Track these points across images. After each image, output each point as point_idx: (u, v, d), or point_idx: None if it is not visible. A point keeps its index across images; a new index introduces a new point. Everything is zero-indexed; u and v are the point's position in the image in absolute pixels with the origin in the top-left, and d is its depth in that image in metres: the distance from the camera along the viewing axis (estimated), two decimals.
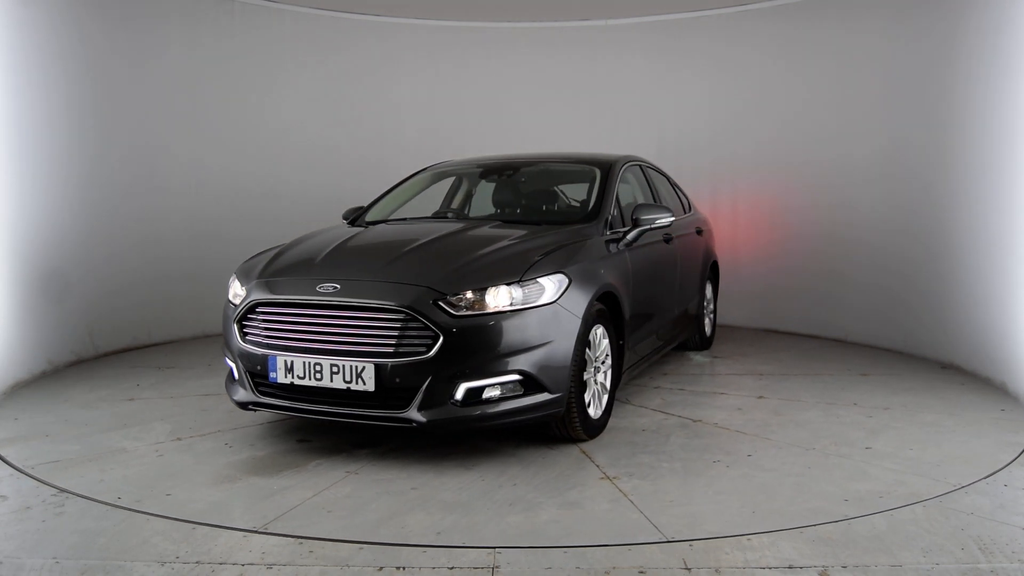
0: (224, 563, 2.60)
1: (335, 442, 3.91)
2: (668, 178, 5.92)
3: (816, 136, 6.74)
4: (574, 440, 3.85)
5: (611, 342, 4.04)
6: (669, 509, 3.04)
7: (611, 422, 4.18)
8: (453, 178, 5.45)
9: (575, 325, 3.61)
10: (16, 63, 5.15)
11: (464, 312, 3.38)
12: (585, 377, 3.78)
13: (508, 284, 3.47)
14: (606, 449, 3.78)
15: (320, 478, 3.42)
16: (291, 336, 3.56)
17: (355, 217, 4.98)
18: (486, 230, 4.20)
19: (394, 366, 3.34)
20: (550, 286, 3.57)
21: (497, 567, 2.57)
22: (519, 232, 4.11)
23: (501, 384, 3.43)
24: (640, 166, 5.31)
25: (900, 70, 6.02)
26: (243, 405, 3.76)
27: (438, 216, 5.02)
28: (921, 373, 5.32)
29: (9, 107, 5.08)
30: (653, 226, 4.50)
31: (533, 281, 3.53)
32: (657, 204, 4.78)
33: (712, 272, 6.32)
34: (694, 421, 4.24)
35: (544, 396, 3.52)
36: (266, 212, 6.92)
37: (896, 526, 2.88)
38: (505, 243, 3.87)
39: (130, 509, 3.04)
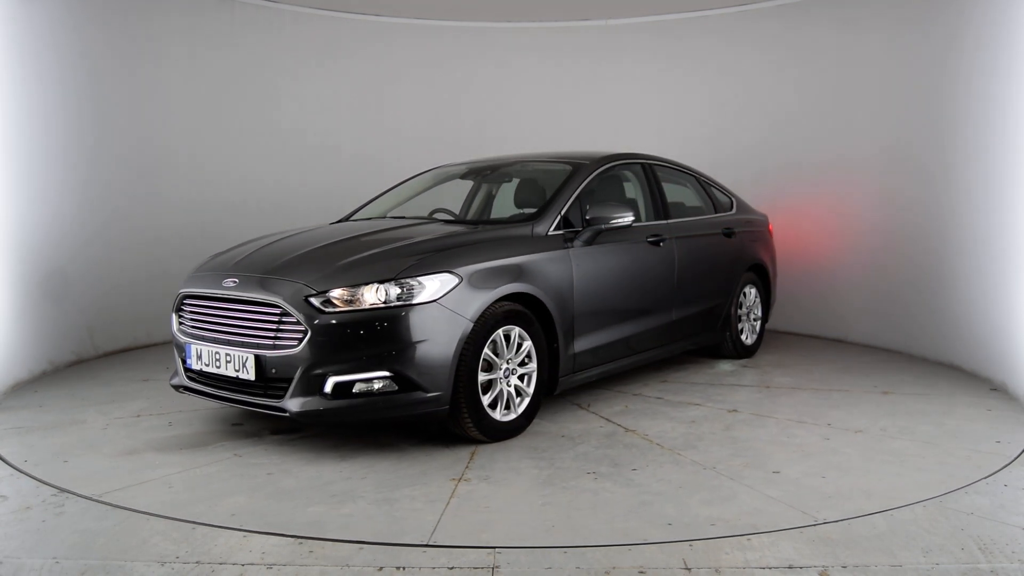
0: (224, 563, 2.60)
1: (259, 428, 4.11)
2: (697, 176, 5.76)
3: (817, 136, 6.75)
4: (474, 440, 3.83)
5: (540, 345, 3.98)
6: (469, 516, 2.98)
7: (538, 426, 4.14)
8: (451, 180, 5.46)
9: (460, 325, 3.59)
10: (17, 62, 5.15)
11: (333, 309, 3.47)
12: (486, 378, 3.75)
13: (382, 282, 3.51)
14: (499, 452, 3.73)
15: (205, 457, 3.67)
16: (203, 326, 3.85)
17: (346, 216, 5.09)
18: (408, 229, 4.21)
19: (270, 358, 3.53)
20: (432, 285, 3.57)
21: (497, 567, 2.57)
22: (444, 231, 4.12)
23: (372, 380, 3.47)
24: (643, 164, 5.17)
25: (900, 71, 6.02)
26: (176, 388, 4.04)
27: (398, 216, 4.96)
28: (956, 396, 4.73)
29: (9, 107, 5.08)
30: (608, 226, 4.36)
31: (411, 279, 3.55)
32: (616, 203, 4.49)
33: (760, 276, 5.99)
34: (626, 431, 4.07)
35: (419, 395, 3.53)
36: (266, 212, 6.92)
37: (896, 526, 2.88)
38: (405, 242, 3.89)
39: (130, 509, 3.04)
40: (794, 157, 6.90)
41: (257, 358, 3.55)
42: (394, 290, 3.51)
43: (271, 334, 3.56)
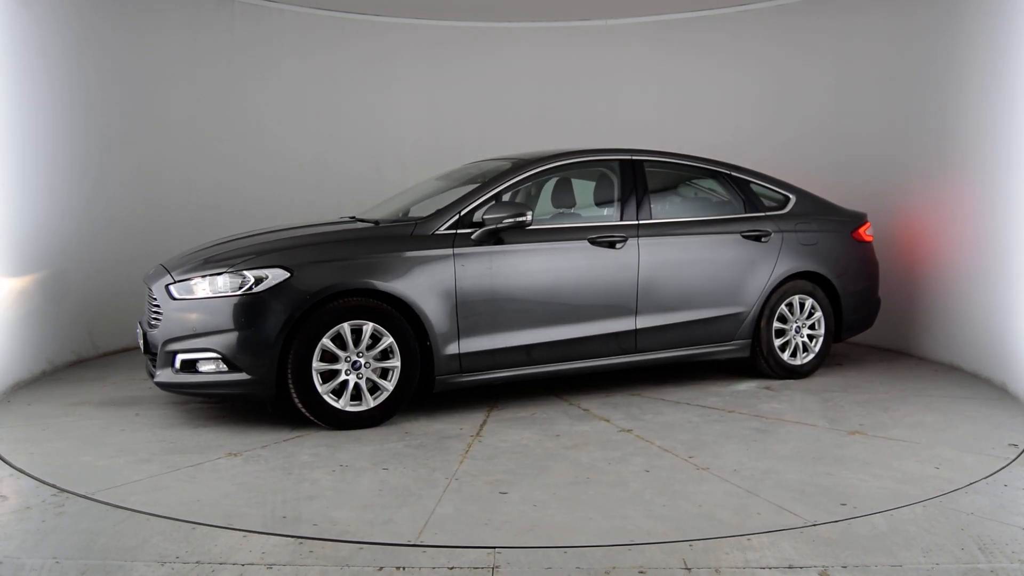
0: (224, 563, 2.60)
1: (194, 398, 4.58)
2: (728, 173, 5.19)
3: (818, 135, 6.75)
4: (317, 426, 4.07)
5: (405, 342, 4.06)
6: (173, 484, 3.27)
7: (408, 421, 4.20)
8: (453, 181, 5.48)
9: (284, 316, 3.88)
10: (17, 64, 5.15)
11: (181, 296, 4.03)
12: (325, 368, 3.95)
13: (220, 273, 3.98)
14: (326, 439, 3.91)
15: (110, 414, 4.33)
16: (145, 309, 4.46)
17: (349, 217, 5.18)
18: (310, 228, 4.57)
19: (150, 336, 4.16)
20: (262, 277, 3.94)
21: (497, 567, 2.57)
22: (322, 230, 4.44)
23: (208, 360, 3.93)
24: (623, 160, 4.83)
25: (902, 69, 6.02)
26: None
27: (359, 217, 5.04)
28: (935, 450, 3.73)
29: (10, 107, 5.07)
30: (500, 226, 4.25)
31: (244, 272, 3.96)
32: (512, 203, 4.37)
33: (826, 287, 5.24)
34: (475, 436, 3.96)
35: (243, 376, 3.90)
36: (266, 212, 6.89)
37: (896, 526, 2.88)
38: (268, 239, 4.32)
39: (130, 509, 3.04)
40: (796, 157, 6.89)
41: (144, 335, 4.21)
42: (229, 281, 3.95)
43: (154, 315, 4.17)
